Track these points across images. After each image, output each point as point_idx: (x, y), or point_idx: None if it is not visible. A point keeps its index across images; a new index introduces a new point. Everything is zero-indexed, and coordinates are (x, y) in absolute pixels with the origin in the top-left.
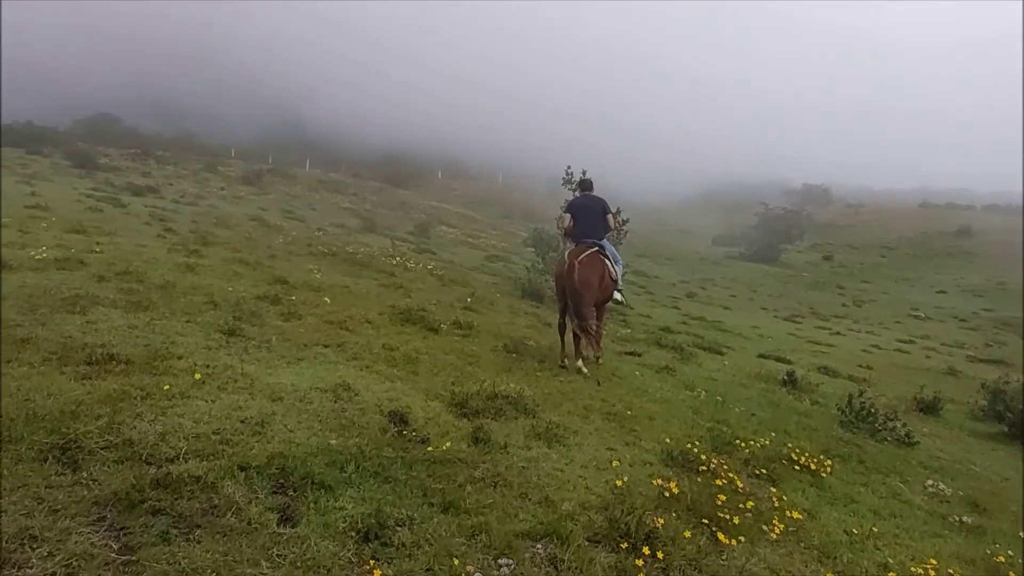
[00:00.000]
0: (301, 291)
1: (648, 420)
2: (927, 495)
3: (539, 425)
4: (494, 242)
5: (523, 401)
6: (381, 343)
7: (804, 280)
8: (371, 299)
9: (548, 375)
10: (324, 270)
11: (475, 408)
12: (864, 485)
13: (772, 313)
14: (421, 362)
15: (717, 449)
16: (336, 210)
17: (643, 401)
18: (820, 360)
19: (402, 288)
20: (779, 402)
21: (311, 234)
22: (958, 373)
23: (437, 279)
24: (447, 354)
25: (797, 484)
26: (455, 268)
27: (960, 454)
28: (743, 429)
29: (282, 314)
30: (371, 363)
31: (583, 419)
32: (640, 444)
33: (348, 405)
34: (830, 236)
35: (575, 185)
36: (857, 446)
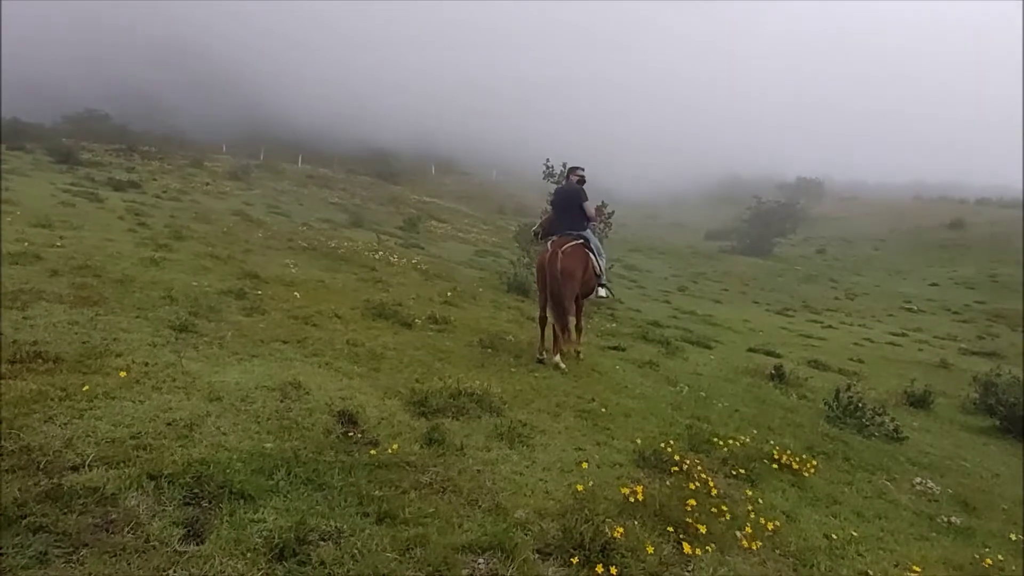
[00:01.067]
0: (272, 286)
1: (624, 418)
2: (914, 494)
3: (503, 424)
4: (484, 237)
5: (489, 399)
6: (346, 339)
7: (797, 273)
8: (346, 294)
9: (523, 371)
10: (301, 265)
11: (435, 407)
12: (848, 484)
13: (764, 307)
14: (386, 358)
15: (694, 448)
16: (324, 205)
17: (621, 397)
18: (811, 354)
19: (381, 283)
20: (765, 397)
21: (294, 229)
22: (950, 366)
23: (420, 274)
24: (417, 350)
25: (777, 484)
26: (442, 263)
27: (950, 449)
28: (724, 426)
29: (245, 309)
30: (331, 360)
31: (553, 417)
32: (612, 444)
33: (295, 405)
34: (823, 229)
35: (557, 177)
36: (843, 442)
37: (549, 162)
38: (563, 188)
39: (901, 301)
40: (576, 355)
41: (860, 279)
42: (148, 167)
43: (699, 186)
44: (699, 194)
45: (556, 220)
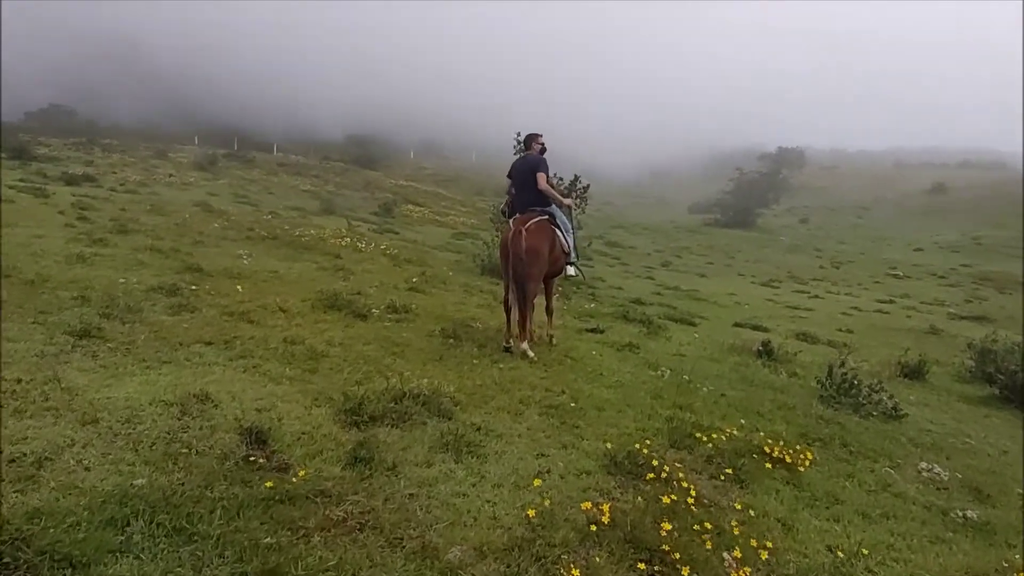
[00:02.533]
0: (214, 279)
1: (596, 412)
2: (921, 482)
3: (452, 431)
4: (463, 219)
5: (439, 400)
6: (284, 336)
7: (781, 244)
8: (300, 285)
9: (486, 362)
10: (256, 255)
11: (371, 414)
12: (849, 476)
13: (749, 279)
14: (328, 356)
15: (676, 444)
16: (295, 193)
17: (595, 387)
18: (798, 326)
19: (343, 271)
20: (753, 377)
21: (258, 218)
22: (940, 332)
23: (390, 259)
24: (367, 344)
25: (770, 484)
26: (416, 247)
27: (952, 424)
28: (709, 415)
29: (172, 307)
30: (259, 362)
31: (515, 416)
32: (580, 446)
33: (194, 423)
34: (806, 199)
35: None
36: (839, 425)
37: (520, 135)
38: (521, 159)
39: (886, 267)
40: (549, 340)
41: (844, 247)
42: (108, 160)
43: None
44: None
45: (517, 196)
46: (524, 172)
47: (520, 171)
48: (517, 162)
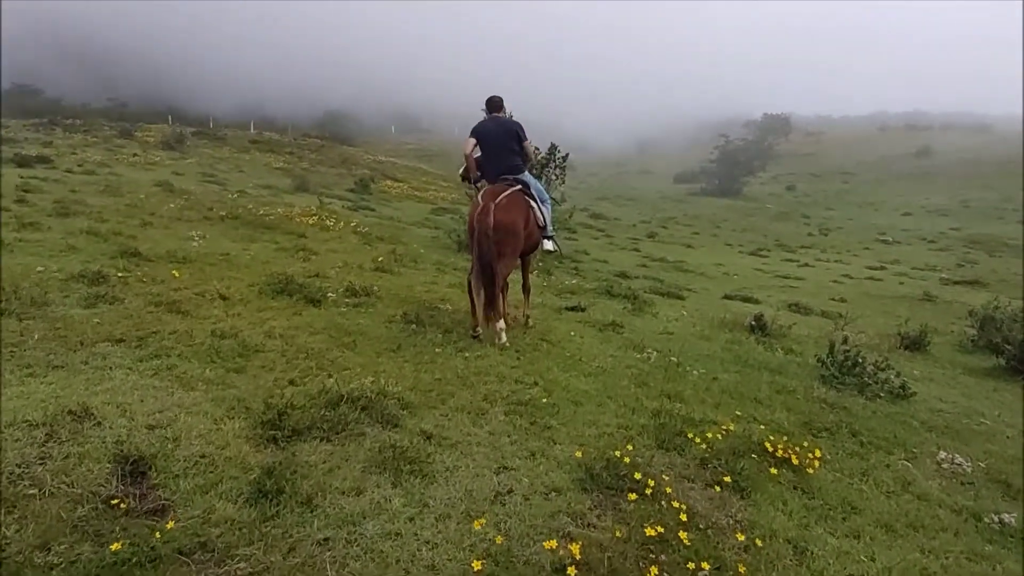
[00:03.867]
0: (151, 265)
1: (573, 407)
2: (943, 477)
3: (395, 443)
4: (443, 194)
5: (384, 403)
6: (214, 328)
7: (768, 212)
8: (252, 268)
9: (450, 351)
10: (211, 237)
11: (296, 426)
12: (864, 476)
13: (737, 248)
14: (263, 351)
15: (663, 444)
16: (267, 171)
17: (572, 376)
18: (790, 296)
19: (305, 251)
20: (747, 356)
21: (223, 197)
22: (935, 298)
23: (360, 237)
24: (314, 334)
25: (774, 491)
26: (391, 224)
27: (962, 401)
28: (701, 404)
29: (90, 298)
30: (175, 362)
31: (476, 418)
32: (551, 453)
33: (59, 450)
34: (792, 166)
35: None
36: (845, 409)
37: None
38: (494, 120)
39: (875, 233)
40: (525, 322)
41: (832, 213)
42: (69, 141)
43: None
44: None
45: (488, 161)
46: (500, 135)
47: (495, 134)
48: (488, 123)
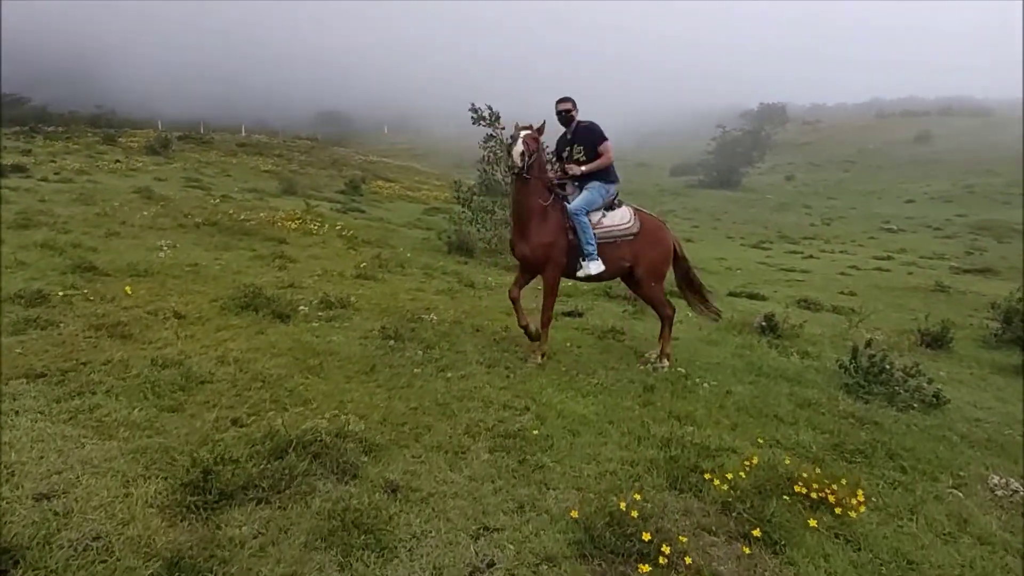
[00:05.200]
0: (107, 280)
1: (569, 438)
2: (1001, 507)
3: (351, 502)
4: (436, 193)
5: (343, 446)
6: (157, 356)
7: (768, 203)
8: (220, 280)
9: (430, 371)
10: (181, 246)
11: (226, 486)
12: (912, 514)
13: (739, 241)
14: (209, 383)
15: (676, 485)
16: (255, 174)
17: (568, 398)
18: (797, 291)
19: (283, 259)
20: (760, 364)
21: (205, 202)
22: (948, 289)
23: (345, 241)
24: (277, 357)
25: (815, 545)
26: (380, 226)
27: (998, 407)
28: (716, 427)
29: (19, 323)
30: (100, 402)
31: (454, 459)
32: (543, 505)
33: None
34: (790, 155)
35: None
36: (876, 425)
37: (475, 105)
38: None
39: (879, 222)
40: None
41: (834, 203)
42: (49, 148)
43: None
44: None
45: None
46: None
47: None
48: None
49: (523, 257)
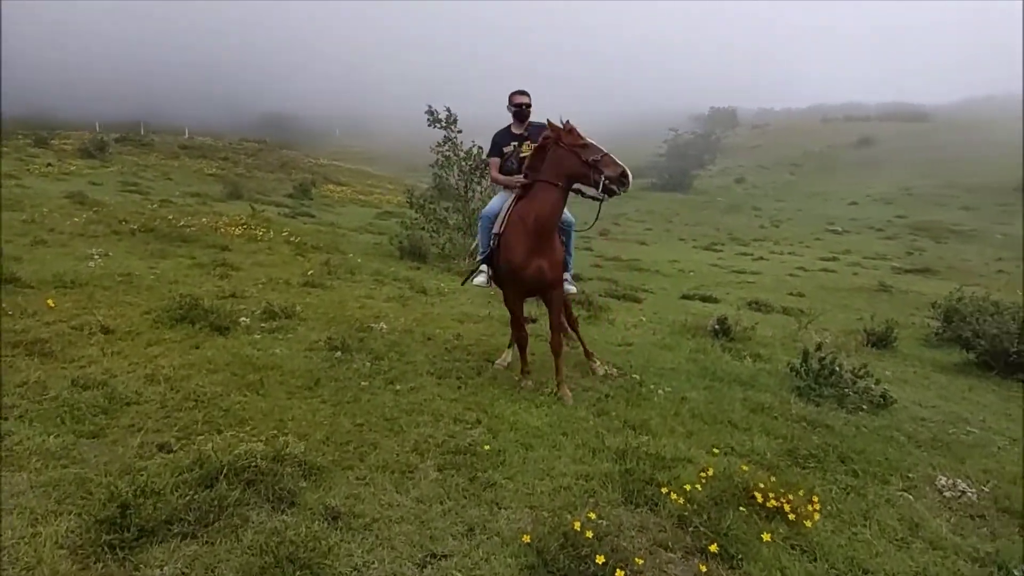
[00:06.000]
0: (30, 293)
1: (522, 452)
2: (950, 510)
3: (285, 534)
4: (389, 197)
5: (279, 472)
6: (78, 376)
7: (719, 205)
8: (155, 290)
9: (379, 383)
10: (114, 255)
11: (147, 522)
12: (865, 518)
13: (691, 243)
14: (136, 404)
15: (631, 498)
16: (198, 177)
17: (521, 409)
18: (748, 292)
19: (225, 266)
20: (714, 368)
21: (143, 208)
22: (890, 289)
23: (292, 247)
24: (213, 373)
25: (771, 558)
26: (330, 231)
27: (942, 406)
28: (671, 435)
29: None
30: (11, 428)
31: (401, 480)
32: (494, 527)
33: None
34: (740, 158)
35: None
36: (828, 428)
37: (432, 107)
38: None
39: (825, 223)
40: None
41: (782, 205)
42: None
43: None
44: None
45: None
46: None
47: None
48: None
49: (537, 275)
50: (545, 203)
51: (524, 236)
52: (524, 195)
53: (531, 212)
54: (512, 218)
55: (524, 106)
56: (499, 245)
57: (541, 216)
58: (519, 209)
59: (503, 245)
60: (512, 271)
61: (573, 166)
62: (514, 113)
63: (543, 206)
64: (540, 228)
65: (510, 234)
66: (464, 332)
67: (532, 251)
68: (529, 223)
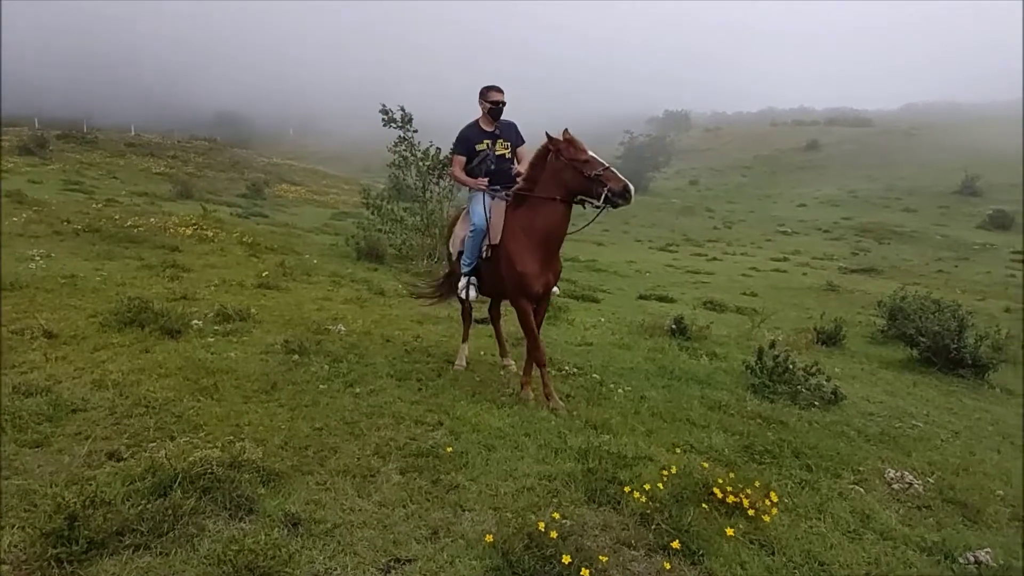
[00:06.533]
0: None
1: (485, 454)
2: (899, 502)
3: (244, 542)
4: (345, 198)
5: (237, 479)
6: (18, 383)
7: (674, 207)
8: (101, 292)
9: (338, 386)
10: (57, 256)
11: (96, 534)
12: (819, 512)
13: (647, 244)
14: (84, 410)
15: (594, 497)
16: (145, 176)
17: (483, 410)
18: (703, 292)
19: (175, 268)
20: (672, 367)
21: (87, 207)
22: (838, 288)
23: (246, 248)
24: (165, 378)
25: (732, 553)
26: (285, 232)
27: (889, 401)
28: (631, 434)
29: None
30: None
31: (363, 484)
32: (458, 529)
33: None
34: (693, 160)
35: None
36: (782, 424)
37: (386, 106)
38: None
39: (775, 225)
40: None
41: (734, 206)
42: None
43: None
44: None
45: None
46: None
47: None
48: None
49: (544, 289)
50: (553, 216)
51: (533, 248)
52: (521, 205)
53: (538, 224)
54: (513, 229)
55: (499, 103)
56: (500, 256)
57: (551, 230)
58: (520, 220)
59: (511, 256)
60: (526, 283)
61: (576, 181)
62: (488, 110)
63: (551, 220)
64: (551, 242)
65: (517, 246)
66: (424, 334)
67: (542, 266)
68: (537, 236)
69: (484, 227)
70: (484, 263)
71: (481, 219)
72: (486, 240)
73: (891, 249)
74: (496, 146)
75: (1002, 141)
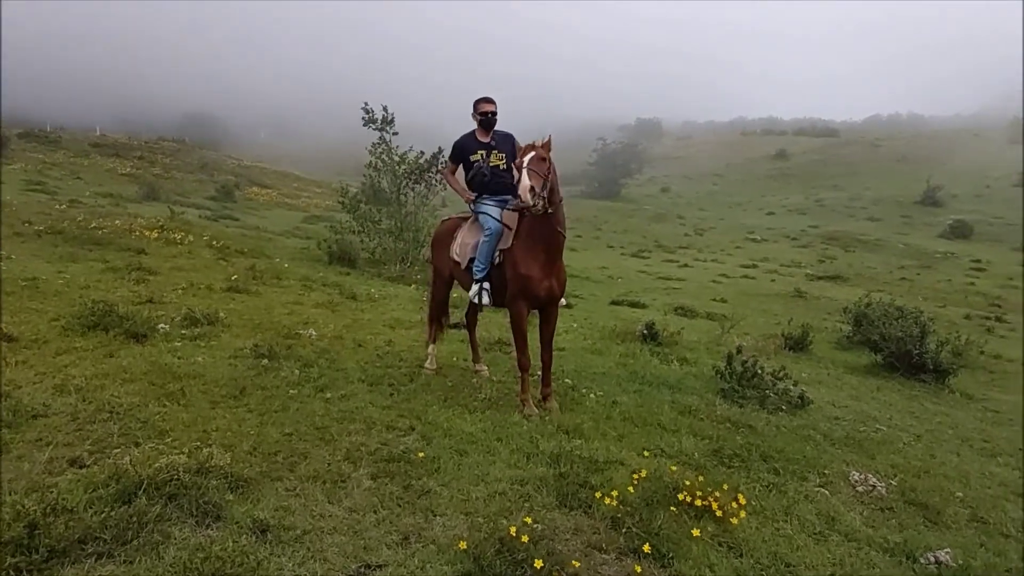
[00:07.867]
0: None
1: (456, 459)
2: (863, 504)
3: (211, 549)
4: (317, 201)
5: (204, 485)
6: None
7: (646, 213)
8: (64, 295)
9: (308, 391)
10: (18, 258)
11: (57, 543)
12: (786, 513)
13: (619, 250)
14: (45, 416)
15: (566, 502)
16: (111, 177)
17: (455, 415)
18: (674, 299)
19: (142, 271)
20: (644, 372)
21: (50, 208)
22: (805, 295)
23: (215, 251)
24: (129, 383)
25: (701, 555)
26: (255, 235)
27: (853, 405)
28: (603, 439)
29: None
30: None
31: (333, 490)
32: (430, 534)
33: None
34: (665, 168)
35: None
36: (750, 428)
37: (368, 105)
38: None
39: (745, 232)
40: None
41: (705, 214)
42: None
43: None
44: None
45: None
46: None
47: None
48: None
49: (548, 295)
50: (542, 228)
51: (536, 252)
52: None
53: (539, 230)
54: (519, 233)
55: (490, 114)
56: (506, 260)
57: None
58: (524, 225)
59: (516, 259)
60: (529, 286)
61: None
62: (480, 121)
63: (538, 231)
64: (547, 252)
65: (523, 250)
66: (395, 338)
67: (545, 273)
68: (539, 241)
69: (500, 229)
70: (495, 269)
71: (496, 223)
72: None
73: (856, 257)
74: (491, 157)
75: (962, 153)
